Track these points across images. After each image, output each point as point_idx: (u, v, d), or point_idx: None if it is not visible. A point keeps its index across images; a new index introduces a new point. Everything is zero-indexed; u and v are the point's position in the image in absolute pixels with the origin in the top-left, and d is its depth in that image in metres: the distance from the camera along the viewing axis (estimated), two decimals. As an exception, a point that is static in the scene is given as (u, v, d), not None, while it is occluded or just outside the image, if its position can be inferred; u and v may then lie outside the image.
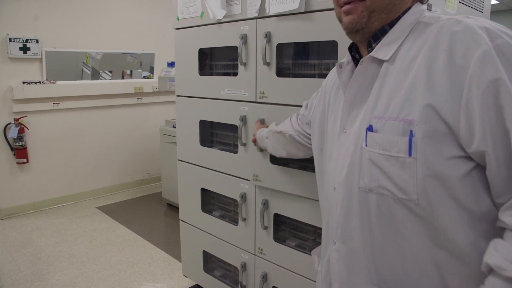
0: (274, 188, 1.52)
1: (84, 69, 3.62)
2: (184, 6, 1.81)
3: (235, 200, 1.75)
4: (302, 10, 1.32)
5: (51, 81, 3.39)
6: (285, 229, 1.62)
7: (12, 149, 3.27)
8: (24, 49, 3.20)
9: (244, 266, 1.74)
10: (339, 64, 0.82)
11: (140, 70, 4.03)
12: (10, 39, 3.12)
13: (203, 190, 1.91)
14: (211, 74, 1.86)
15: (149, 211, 3.51)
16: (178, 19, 1.86)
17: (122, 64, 3.88)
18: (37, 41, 3.25)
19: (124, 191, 4.02)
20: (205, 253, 1.97)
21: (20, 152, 3.28)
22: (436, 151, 0.62)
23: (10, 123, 3.24)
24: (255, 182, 1.58)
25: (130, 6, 3.83)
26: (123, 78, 3.92)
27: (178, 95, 1.94)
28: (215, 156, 1.79)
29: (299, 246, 1.54)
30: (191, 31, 1.80)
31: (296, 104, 1.38)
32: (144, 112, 4.10)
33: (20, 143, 3.26)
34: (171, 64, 3.65)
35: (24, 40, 3.19)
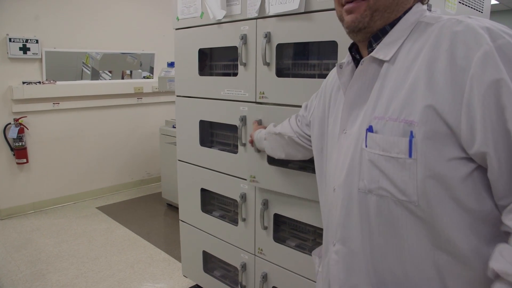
0: (272, 189, 1.51)
1: (84, 69, 3.62)
2: (184, 7, 1.81)
3: (235, 200, 1.75)
4: (302, 10, 1.32)
5: (51, 81, 3.39)
6: (285, 229, 1.62)
7: (12, 149, 3.27)
8: (24, 49, 3.20)
9: (244, 266, 1.74)
10: (339, 65, 0.81)
11: (140, 70, 4.03)
12: (10, 39, 3.12)
13: (203, 190, 1.91)
14: (211, 74, 1.86)
15: (149, 211, 3.51)
16: (178, 19, 1.86)
17: (122, 64, 3.88)
18: (37, 41, 3.25)
19: (124, 191, 4.02)
20: (205, 253, 1.97)
21: (20, 152, 3.28)
22: (437, 152, 0.61)
23: (10, 123, 3.24)
24: (252, 184, 1.57)
25: (130, 7, 3.83)
26: (123, 78, 3.92)
27: (178, 95, 1.94)
28: (215, 156, 1.79)
29: (299, 246, 1.53)
30: (191, 31, 1.80)
31: (296, 105, 1.38)
32: (144, 112, 4.10)
33: (20, 143, 3.26)
34: (171, 64, 3.65)
35: (24, 40, 3.19)
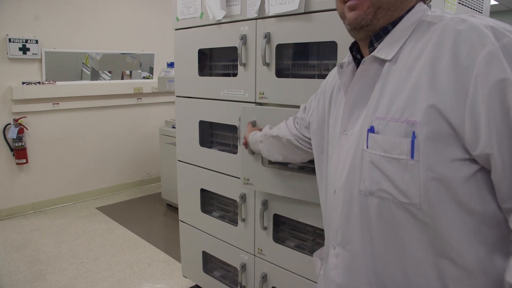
0: (267, 192, 1.50)
1: (84, 70, 3.61)
2: (184, 7, 1.81)
3: (235, 201, 1.75)
4: (302, 11, 1.32)
5: (51, 82, 3.39)
6: (285, 230, 1.62)
7: (12, 150, 3.27)
8: (24, 50, 3.20)
9: (244, 267, 1.74)
10: (340, 64, 0.80)
11: (140, 71, 4.03)
12: (10, 40, 3.12)
13: (203, 191, 1.91)
14: (211, 75, 1.86)
15: (149, 212, 3.50)
16: (178, 20, 1.86)
17: (122, 65, 3.88)
18: (37, 42, 3.25)
19: (124, 192, 4.02)
20: (205, 254, 1.97)
21: (20, 153, 3.28)
22: (439, 153, 0.60)
23: (10, 124, 3.23)
24: (246, 186, 1.54)
25: (130, 7, 3.83)
26: (123, 79, 3.92)
27: (178, 96, 1.94)
28: (215, 157, 1.79)
29: (299, 247, 1.53)
30: (191, 32, 1.80)
31: (296, 105, 1.38)
32: (144, 113, 4.10)
33: (20, 144, 3.26)
34: (171, 65, 3.65)
35: (24, 41, 3.19)
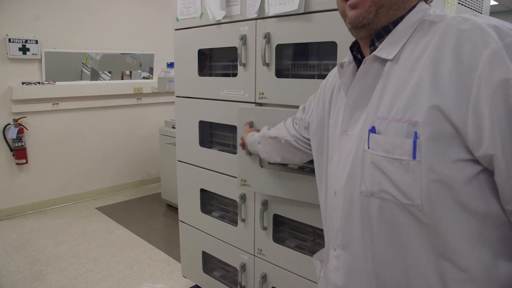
0: (265, 193, 1.49)
1: (84, 70, 3.61)
2: (184, 7, 1.81)
3: (235, 201, 1.75)
4: (302, 11, 1.32)
5: (51, 82, 3.39)
6: (285, 230, 1.62)
7: (11, 150, 3.27)
8: (24, 50, 3.20)
9: (244, 267, 1.74)
10: (340, 64, 0.79)
11: (140, 71, 4.03)
12: (10, 40, 3.12)
13: (203, 191, 1.91)
14: (211, 75, 1.86)
15: (149, 212, 3.50)
16: (178, 20, 1.86)
17: (122, 65, 3.88)
18: (37, 42, 3.25)
19: (124, 192, 4.02)
20: (205, 254, 1.97)
21: (19, 153, 3.28)
22: (442, 154, 0.59)
23: (10, 124, 3.23)
24: (244, 188, 1.53)
25: (130, 7, 3.83)
26: (123, 79, 3.92)
27: (178, 96, 1.94)
28: (215, 157, 1.79)
29: (299, 247, 1.54)
30: (191, 32, 1.81)
31: (296, 105, 1.38)
32: (144, 113, 4.10)
33: (20, 144, 3.26)
34: (171, 65, 3.65)
35: (24, 41, 3.19)
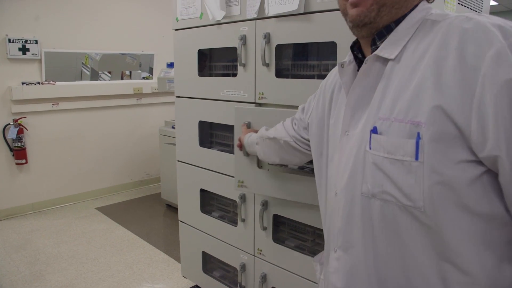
0: (263, 194, 1.48)
1: (83, 70, 3.62)
2: (184, 7, 1.81)
3: (234, 201, 1.75)
4: (301, 11, 1.32)
5: (50, 82, 3.39)
6: (284, 230, 1.62)
7: (11, 150, 3.27)
8: (23, 50, 3.20)
9: (243, 267, 1.74)
10: (341, 64, 0.78)
11: (140, 71, 4.03)
12: (9, 40, 3.12)
13: (202, 191, 1.91)
14: (210, 75, 1.86)
15: (148, 212, 3.50)
16: (178, 20, 1.86)
17: (121, 65, 3.88)
18: (36, 42, 3.25)
19: (123, 192, 4.02)
20: (204, 254, 1.97)
21: (19, 153, 3.28)
22: (444, 155, 0.58)
23: (9, 124, 3.23)
24: (241, 189, 1.52)
25: (130, 7, 3.83)
26: (122, 79, 3.92)
27: (178, 96, 1.94)
28: (214, 157, 1.79)
29: (298, 247, 1.54)
30: (191, 32, 1.81)
31: (296, 105, 1.38)
32: (143, 113, 4.10)
33: (19, 144, 3.26)
34: (171, 65, 3.66)
35: (23, 41, 3.19)
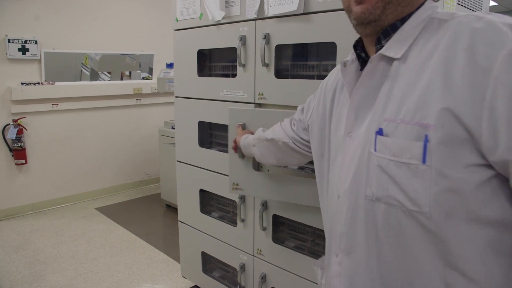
0: (258, 197, 1.47)
1: (83, 70, 3.61)
2: (183, 8, 1.81)
3: (234, 201, 1.75)
4: (301, 12, 1.33)
5: (50, 82, 3.38)
6: (284, 230, 1.62)
7: (11, 150, 3.27)
8: (23, 50, 3.20)
9: (243, 267, 1.74)
10: (343, 63, 0.77)
11: (139, 71, 4.03)
12: (9, 40, 3.12)
13: (202, 191, 1.91)
14: (210, 75, 1.86)
15: (148, 212, 3.50)
16: (177, 20, 1.86)
17: (121, 65, 3.88)
18: (36, 42, 3.25)
19: (123, 192, 4.01)
20: (204, 254, 1.97)
21: (19, 153, 3.28)
22: (453, 159, 0.56)
23: (9, 124, 3.23)
24: (236, 192, 1.50)
25: (129, 7, 3.83)
26: (122, 79, 3.92)
27: (177, 96, 1.94)
28: (214, 157, 1.79)
29: (298, 247, 1.54)
30: (190, 32, 1.81)
31: (296, 106, 1.38)
32: (143, 113, 4.10)
33: (19, 144, 3.25)
34: (170, 65, 3.65)
35: (23, 41, 3.19)
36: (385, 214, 0.64)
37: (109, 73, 3.81)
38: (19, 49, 3.18)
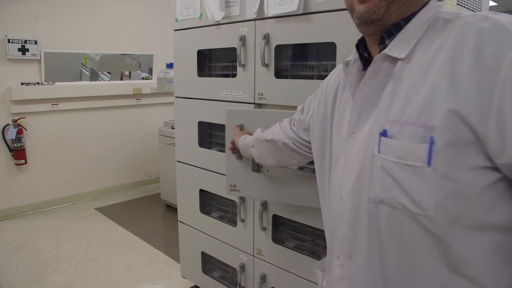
0: (256, 198, 1.47)
1: (83, 70, 3.61)
2: (183, 8, 1.81)
3: (234, 201, 1.75)
4: (301, 12, 1.33)
5: (50, 82, 3.38)
6: (284, 230, 1.62)
7: (11, 150, 3.27)
8: (23, 50, 3.20)
9: (243, 267, 1.74)
10: (346, 63, 0.75)
11: (139, 71, 4.03)
12: (9, 40, 3.11)
13: (202, 191, 1.91)
14: (210, 76, 1.86)
15: (148, 212, 3.50)
16: (177, 21, 1.86)
17: (121, 65, 3.88)
18: (36, 42, 3.24)
19: (123, 192, 4.01)
20: (204, 254, 1.97)
21: (19, 153, 3.28)
22: (459, 161, 0.55)
23: (9, 124, 3.23)
24: (233, 193, 1.50)
25: (129, 7, 3.83)
26: (122, 79, 3.92)
27: (177, 97, 1.94)
28: (214, 157, 1.79)
29: (298, 247, 1.54)
30: (190, 33, 1.81)
31: (296, 106, 1.38)
32: (143, 113, 4.10)
33: (19, 144, 3.25)
34: (170, 66, 3.65)
35: (23, 41, 3.18)
36: (388, 217, 0.63)
37: (109, 73, 3.81)
38: (19, 49, 3.18)
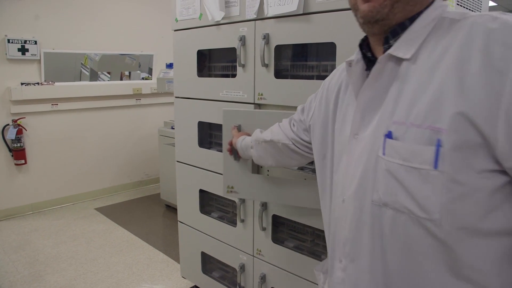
0: (254, 199, 1.46)
1: (83, 70, 3.61)
2: (183, 8, 1.81)
3: (234, 202, 1.75)
4: (301, 12, 1.33)
5: (50, 82, 3.38)
6: (284, 230, 1.62)
7: (10, 150, 3.27)
8: (23, 50, 3.20)
9: (243, 268, 1.74)
10: (349, 62, 0.74)
11: (139, 72, 4.03)
12: (9, 40, 3.11)
13: (202, 191, 1.91)
14: (210, 76, 1.86)
15: (148, 213, 3.50)
16: (177, 21, 1.86)
17: (121, 66, 3.88)
18: (36, 42, 3.24)
19: (123, 193, 4.01)
20: (204, 255, 1.97)
21: (18, 153, 3.27)
22: (466, 164, 0.54)
23: (9, 124, 3.23)
24: (230, 195, 1.49)
25: (129, 8, 3.83)
26: (122, 80, 3.92)
27: (177, 97, 1.94)
28: (214, 158, 1.79)
29: (298, 247, 1.54)
30: (190, 33, 1.81)
31: (296, 106, 1.38)
32: (143, 114, 4.10)
33: (18, 144, 3.25)
34: (170, 66, 3.65)
35: (23, 41, 3.18)
36: (392, 221, 0.62)
37: (109, 73, 3.81)
38: (19, 49, 3.18)
